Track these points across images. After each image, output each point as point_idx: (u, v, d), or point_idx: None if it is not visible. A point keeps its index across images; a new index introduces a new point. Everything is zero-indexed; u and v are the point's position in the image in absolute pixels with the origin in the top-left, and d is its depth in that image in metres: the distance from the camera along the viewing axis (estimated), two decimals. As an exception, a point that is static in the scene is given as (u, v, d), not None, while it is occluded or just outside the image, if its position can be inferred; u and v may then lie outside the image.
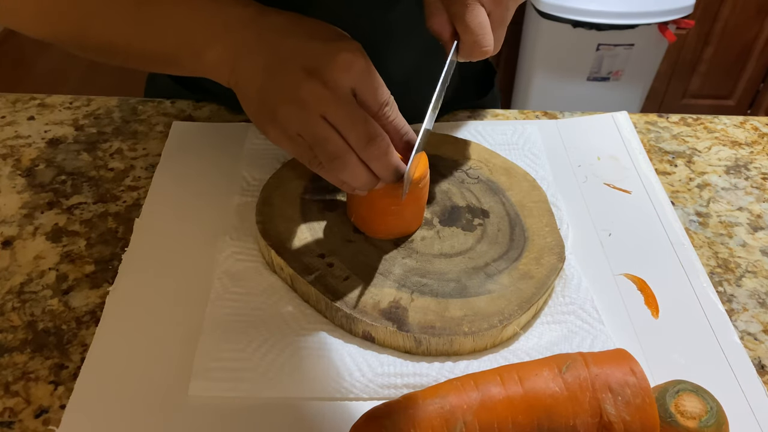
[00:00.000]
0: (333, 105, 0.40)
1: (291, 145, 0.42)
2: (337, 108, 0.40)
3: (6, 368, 0.44)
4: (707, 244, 0.56)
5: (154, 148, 0.63)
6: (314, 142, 0.41)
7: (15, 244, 0.53)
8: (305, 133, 0.41)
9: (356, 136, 0.40)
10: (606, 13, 1.63)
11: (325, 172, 0.43)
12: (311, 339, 0.45)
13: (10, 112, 0.67)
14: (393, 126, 0.44)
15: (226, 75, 0.45)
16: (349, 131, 0.40)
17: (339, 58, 0.40)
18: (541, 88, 1.85)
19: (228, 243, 0.51)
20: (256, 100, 0.43)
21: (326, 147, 0.41)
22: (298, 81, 0.40)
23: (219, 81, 0.46)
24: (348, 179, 0.43)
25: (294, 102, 0.40)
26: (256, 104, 0.43)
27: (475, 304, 0.45)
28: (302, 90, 0.40)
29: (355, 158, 0.41)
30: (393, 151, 0.42)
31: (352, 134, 0.40)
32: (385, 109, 0.42)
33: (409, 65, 0.62)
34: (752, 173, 0.64)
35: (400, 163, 0.43)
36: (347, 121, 0.40)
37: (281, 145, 0.43)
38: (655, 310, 0.49)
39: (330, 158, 0.41)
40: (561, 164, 0.63)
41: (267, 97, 0.42)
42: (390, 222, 0.49)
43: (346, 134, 0.41)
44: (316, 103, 0.40)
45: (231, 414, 0.41)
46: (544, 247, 0.50)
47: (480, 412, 0.37)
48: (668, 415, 0.38)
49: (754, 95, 2.10)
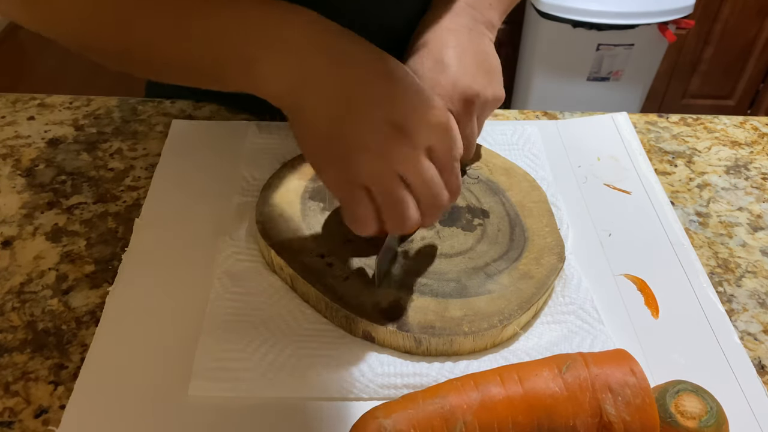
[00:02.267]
0: (414, 166, 0.39)
1: (350, 195, 0.40)
2: (416, 169, 0.39)
3: (6, 368, 0.44)
4: (707, 244, 0.56)
5: (154, 148, 0.63)
6: (387, 200, 0.39)
7: (15, 244, 0.53)
8: (378, 187, 0.39)
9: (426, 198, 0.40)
10: (606, 13, 1.63)
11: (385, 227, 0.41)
12: (311, 339, 0.45)
13: (10, 112, 0.67)
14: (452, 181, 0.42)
15: (285, 98, 0.41)
16: (421, 192, 0.39)
17: (428, 118, 0.39)
18: (541, 88, 1.85)
19: (228, 243, 0.51)
20: (324, 138, 0.39)
21: (399, 209, 0.39)
22: (384, 133, 0.38)
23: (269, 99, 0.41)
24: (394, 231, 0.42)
25: (375, 153, 0.38)
26: (322, 141, 0.39)
27: (475, 304, 0.45)
28: (387, 143, 0.38)
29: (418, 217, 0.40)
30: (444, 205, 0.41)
31: (423, 196, 0.40)
32: (454, 164, 0.41)
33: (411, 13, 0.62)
34: (752, 173, 0.64)
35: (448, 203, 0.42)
36: (422, 184, 0.39)
37: (336, 190, 0.40)
38: (655, 311, 0.49)
39: (399, 219, 0.40)
40: (561, 164, 0.63)
41: (341, 138, 0.39)
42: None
43: (418, 194, 0.40)
44: (399, 161, 0.38)
45: (231, 414, 0.41)
46: (544, 247, 0.50)
47: (480, 413, 0.37)
48: (668, 415, 0.38)
49: (754, 95, 2.10)
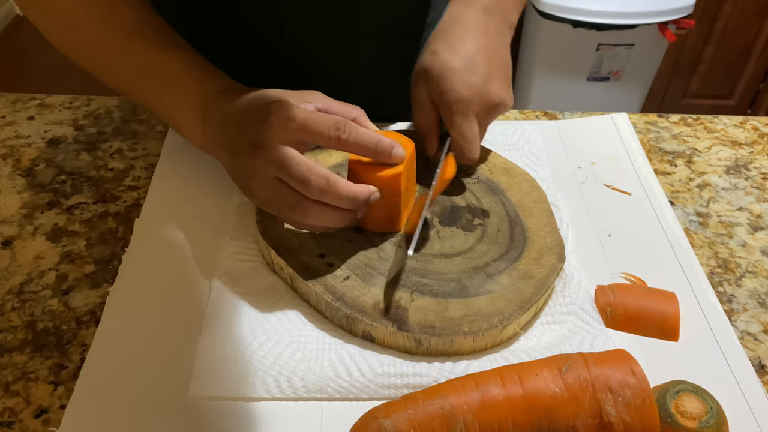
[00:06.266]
0: (273, 166, 0.44)
1: (269, 209, 0.47)
2: (276, 167, 0.44)
3: (6, 368, 0.44)
4: (707, 244, 0.56)
5: (154, 148, 0.63)
6: (277, 201, 0.45)
7: (15, 244, 0.53)
8: (269, 197, 0.45)
9: (295, 183, 0.44)
10: (606, 13, 1.63)
11: (300, 224, 0.47)
12: (311, 339, 0.45)
13: (10, 112, 0.67)
14: (354, 146, 0.45)
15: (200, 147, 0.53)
16: (290, 181, 0.44)
17: (266, 124, 0.44)
18: (541, 88, 1.85)
19: (228, 243, 0.51)
20: (234, 177, 0.49)
21: (285, 202, 0.45)
22: (250, 157, 0.45)
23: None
24: (317, 222, 0.46)
25: (253, 175, 0.45)
26: (234, 180, 0.49)
27: (475, 304, 0.45)
28: (253, 162, 0.45)
29: (310, 202, 0.45)
30: (334, 182, 0.44)
31: (293, 183, 0.44)
32: (337, 134, 0.45)
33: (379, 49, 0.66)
34: (752, 173, 0.64)
35: (351, 189, 0.45)
36: (285, 174, 0.44)
37: (264, 209, 0.48)
38: (655, 311, 0.49)
39: (291, 210, 0.45)
40: (561, 165, 0.63)
41: (237, 175, 0.48)
42: (375, 214, 0.49)
43: (291, 185, 0.44)
44: (265, 170, 0.44)
45: (231, 414, 0.41)
46: (544, 247, 0.50)
47: (480, 413, 0.37)
48: (668, 416, 0.38)
49: (754, 95, 2.10)
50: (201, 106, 0.50)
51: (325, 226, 0.47)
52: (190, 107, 0.51)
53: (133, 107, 0.68)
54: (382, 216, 0.49)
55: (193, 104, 0.51)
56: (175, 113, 0.53)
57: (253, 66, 0.59)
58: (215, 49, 0.56)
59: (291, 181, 0.44)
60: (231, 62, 0.56)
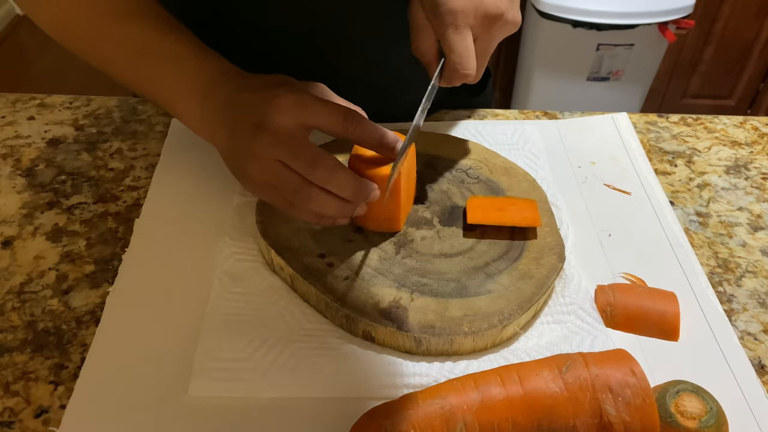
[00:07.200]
0: (279, 147, 0.43)
1: (265, 194, 0.46)
2: (283, 149, 0.43)
3: (6, 368, 0.44)
4: (707, 244, 0.56)
5: (154, 148, 0.63)
6: (278, 186, 0.44)
7: (15, 244, 0.53)
8: (270, 181, 0.44)
9: (301, 166, 0.43)
10: (606, 13, 1.63)
11: (298, 211, 0.45)
12: (311, 339, 0.45)
13: (10, 112, 0.67)
14: (361, 134, 0.45)
15: (197, 131, 0.51)
16: (295, 164, 0.43)
17: (272, 104, 0.43)
18: (541, 88, 1.85)
19: (228, 243, 0.51)
20: (229, 160, 0.47)
21: (286, 186, 0.44)
22: (251, 137, 0.44)
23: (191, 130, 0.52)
24: (318, 209, 0.45)
25: (252, 157, 0.44)
26: (229, 163, 0.48)
27: (475, 304, 0.45)
28: (255, 145, 0.43)
29: (315, 188, 0.44)
30: (342, 169, 0.43)
31: (298, 165, 0.43)
32: (345, 121, 0.44)
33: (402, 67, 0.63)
34: (752, 173, 0.64)
35: (356, 180, 0.44)
36: (291, 156, 0.43)
37: (258, 195, 0.47)
38: (655, 310, 0.49)
39: (293, 195, 0.44)
40: (561, 164, 0.63)
41: (234, 158, 0.47)
42: (375, 213, 0.49)
43: (295, 168, 0.43)
44: (268, 152, 0.43)
45: (231, 414, 0.41)
46: (544, 247, 0.50)
47: (480, 413, 0.37)
48: (668, 416, 0.38)
49: (754, 95, 2.10)
50: (201, 87, 0.49)
51: (323, 214, 0.45)
52: (191, 88, 0.50)
53: (133, 107, 0.68)
54: (381, 216, 0.49)
55: (194, 85, 0.50)
56: (174, 94, 0.51)
57: (253, 60, 0.59)
58: (215, 48, 0.56)
59: (296, 163, 0.43)
60: (231, 61, 0.56)
